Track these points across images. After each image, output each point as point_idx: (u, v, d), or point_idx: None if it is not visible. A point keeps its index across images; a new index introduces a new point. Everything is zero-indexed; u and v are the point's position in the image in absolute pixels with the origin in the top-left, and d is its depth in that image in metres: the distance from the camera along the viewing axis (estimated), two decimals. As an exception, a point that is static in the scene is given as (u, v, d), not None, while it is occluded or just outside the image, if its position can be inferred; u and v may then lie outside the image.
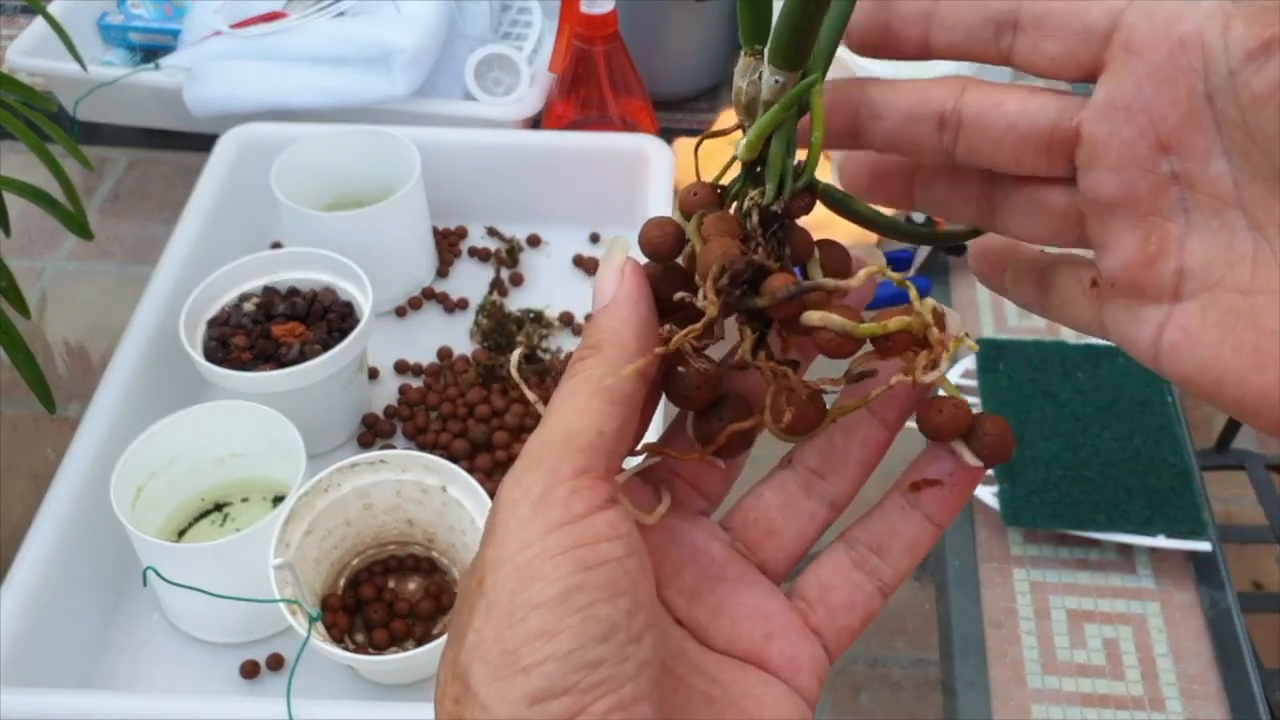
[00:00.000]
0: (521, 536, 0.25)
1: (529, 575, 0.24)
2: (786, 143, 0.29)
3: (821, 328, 0.27)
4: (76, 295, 0.94)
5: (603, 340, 0.27)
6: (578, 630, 0.24)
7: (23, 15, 1.18)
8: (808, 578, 0.30)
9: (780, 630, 0.29)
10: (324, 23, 0.98)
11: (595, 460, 0.26)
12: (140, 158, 1.05)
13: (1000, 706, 0.65)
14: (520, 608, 0.24)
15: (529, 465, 0.26)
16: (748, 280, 0.27)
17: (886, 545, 0.30)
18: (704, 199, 0.29)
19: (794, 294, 0.27)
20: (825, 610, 0.30)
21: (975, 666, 0.67)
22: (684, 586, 0.29)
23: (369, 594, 0.66)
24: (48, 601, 0.62)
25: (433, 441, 0.76)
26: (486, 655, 0.24)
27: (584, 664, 0.24)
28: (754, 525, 0.30)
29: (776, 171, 0.29)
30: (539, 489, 0.25)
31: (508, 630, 0.24)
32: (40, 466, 0.78)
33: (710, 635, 0.29)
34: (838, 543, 0.30)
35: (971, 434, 0.28)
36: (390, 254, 0.83)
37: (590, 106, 0.94)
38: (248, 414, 0.68)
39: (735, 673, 0.29)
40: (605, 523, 0.25)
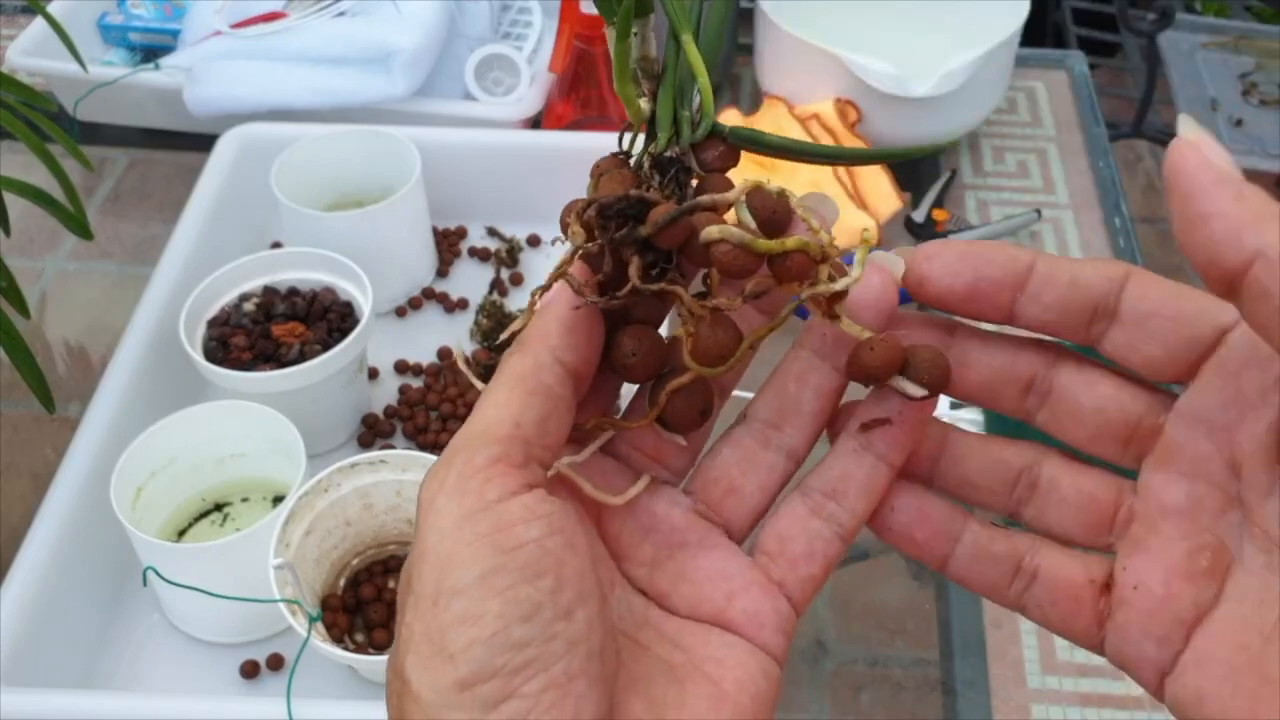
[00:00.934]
0: (439, 528, 0.25)
1: (449, 562, 0.25)
2: (676, 94, 0.29)
3: (720, 240, 0.26)
4: (76, 295, 0.94)
5: (529, 337, 0.28)
6: (499, 612, 0.24)
7: (23, 15, 1.18)
8: (766, 531, 0.30)
9: (741, 588, 0.29)
10: (324, 23, 0.98)
11: (511, 449, 0.26)
12: (140, 158, 1.05)
13: (1000, 706, 0.65)
14: (443, 595, 0.24)
15: (445, 460, 0.26)
16: (627, 214, 0.27)
17: (842, 490, 0.29)
18: (608, 164, 0.30)
19: (675, 216, 0.26)
20: (786, 562, 0.29)
21: (975, 666, 0.67)
22: (645, 557, 0.29)
23: (369, 594, 0.66)
24: (48, 601, 0.62)
25: (433, 441, 0.76)
26: (418, 647, 0.24)
27: (509, 645, 0.24)
28: (714, 485, 0.30)
29: (666, 121, 0.29)
30: (453, 480, 0.25)
31: (432, 620, 0.24)
32: (40, 466, 0.78)
33: (673, 601, 0.29)
34: (793, 493, 0.30)
35: (907, 367, 0.28)
36: (390, 254, 0.83)
37: (590, 106, 0.94)
38: (248, 414, 0.68)
39: (699, 636, 0.28)
40: (521, 505, 0.25)
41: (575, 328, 0.28)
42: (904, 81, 0.92)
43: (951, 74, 0.91)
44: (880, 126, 0.95)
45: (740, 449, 0.30)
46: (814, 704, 0.68)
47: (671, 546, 0.30)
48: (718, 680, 0.27)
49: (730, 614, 0.29)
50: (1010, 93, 1.09)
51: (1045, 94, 1.10)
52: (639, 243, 0.27)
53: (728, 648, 0.28)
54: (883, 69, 0.92)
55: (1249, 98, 1.51)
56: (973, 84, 0.93)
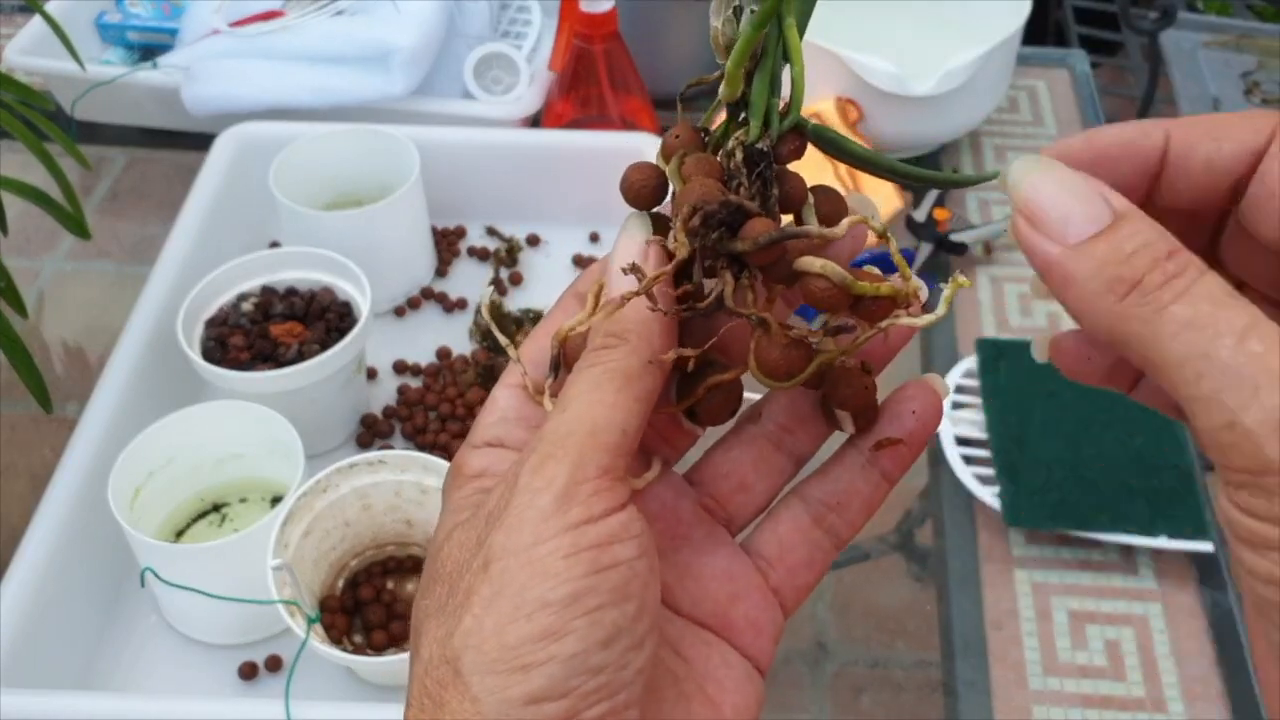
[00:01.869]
0: (539, 530, 0.24)
1: (540, 571, 0.24)
2: (770, 81, 0.28)
3: (820, 275, 0.26)
4: (74, 295, 0.94)
5: (629, 331, 0.27)
6: (584, 634, 0.24)
7: (21, 14, 1.18)
8: (765, 535, 0.30)
9: (744, 592, 0.29)
10: (322, 22, 0.98)
11: (618, 460, 0.25)
12: (138, 157, 1.04)
13: (1001, 708, 0.65)
14: (527, 604, 0.24)
15: (553, 455, 0.25)
16: (725, 222, 0.26)
17: (845, 503, 0.29)
18: (685, 141, 0.28)
19: (775, 239, 0.26)
20: (785, 569, 0.30)
21: (976, 667, 0.67)
22: None
23: (367, 595, 0.66)
24: (46, 602, 0.62)
25: (432, 441, 0.76)
26: (483, 645, 0.24)
27: (586, 669, 0.23)
28: (725, 479, 0.30)
29: (760, 109, 0.28)
30: (562, 483, 0.25)
31: (511, 625, 0.24)
32: (38, 467, 0.78)
33: (676, 596, 0.29)
34: (793, 499, 0.30)
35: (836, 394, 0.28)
36: (389, 254, 0.83)
37: (590, 105, 0.94)
38: (246, 414, 0.68)
39: (699, 648, 0.28)
40: (620, 524, 0.25)
41: (669, 329, 0.27)
42: (905, 80, 0.91)
43: (952, 73, 0.91)
44: (881, 125, 0.95)
45: (754, 448, 0.30)
46: (815, 705, 0.68)
47: (678, 538, 0.29)
48: (718, 704, 0.28)
49: (732, 617, 0.29)
50: (1012, 92, 1.08)
51: (1047, 93, 1.10)
52: (728, 255, 0.27)
53: (726, 666, 0.28)
54: (884, 68, 0.91)
55: (1251, 96, 1.51)
56: (974, 83, 0.93)
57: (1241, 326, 0.21)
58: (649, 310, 0.27)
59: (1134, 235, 0.23)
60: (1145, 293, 0.22)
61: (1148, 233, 0.23)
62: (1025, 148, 1.04)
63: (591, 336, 0.27)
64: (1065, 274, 0.24)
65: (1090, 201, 0.24)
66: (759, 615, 0.29)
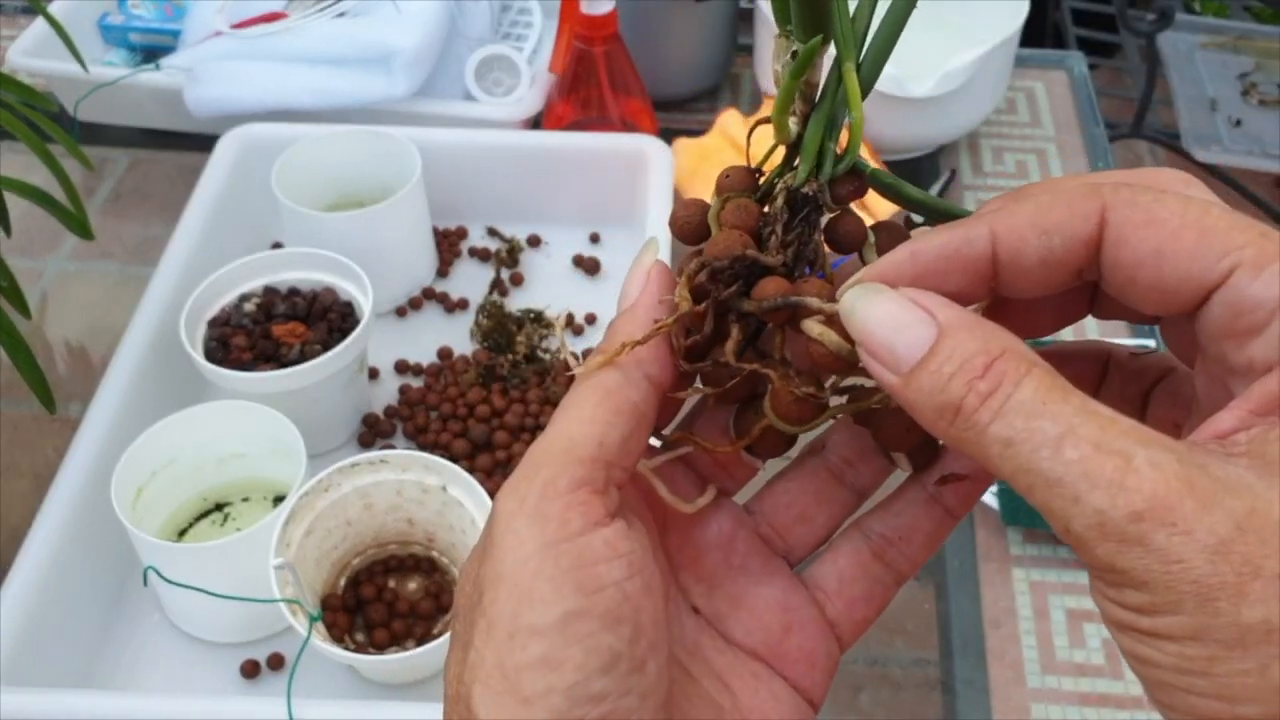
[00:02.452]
0: (519, 552, 0.24)
1: (527, 595, 0.24)
2: (827, 124, 0.28)
3: (818, 342, 0.26)
4: (77, 295, 0.94)
5: (615, 346, 0.27)
6: (580, 662, 0.23)
7: (23, 15, 1.18)
8: (825, 568, 0.30)
9: (799, 624, 0.29)
10: (324, 23, 0.98)
11: (594, 473, 0.25)
12: (141, 158, 1.05)
13: (1000, 706, 0.65)
14: (520, 631, 0.23)
15: (526, 474, 0.25)
16: (740, 276, 0.26)
17: (907, 538, 0.29)
18: (735, 183, 0.28)
19: (779, 307, 0.26)
20: (844, 602, 0.29)
21: (975, 666, 0.67)
22: (704, 573, 0.29)
23: (369, 594, 0.66)
24: (48, 601, 0.62)
25: (433, 441, 0.76)
26: (488, 679, 0.24)
27: (588, 697, 0.23)
28: (786, 510, 0.30)
29: (811, 154, 0.28)
30: (534, 501, 0.24)
31: (508, 656, 0.23)
32: (41, 466, 0.78)
33: (729, 626, 0.29)
34: (854, 532, 0.30)
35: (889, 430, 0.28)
36: (390, 254, 0.84)
37: (590, 107, 0.94)
38: (248, 414, 0.68)
39: (748, 680, 0.28)
40: (603, 541, 0.24)
41: (663, 340, 0.27)
42: (903, 81, 0.92)
43: (951, 74, 0.91)
44: (880, 127, 0.95)
45: (817, 480, 0.30)
46: (814, 704, 0.68)
47: (733, 569, 0.29)
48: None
49: (785, 648, 0.28)
50: (1010, 93, 1.09)
51: (1045, 94, 1.10)
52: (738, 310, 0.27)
53: (775, 701, 0.28)
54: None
55: (1248, 98, 1.51)
56: (972, 84, 0.93)
57: (1055, 436, 0.21)
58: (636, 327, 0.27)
59: (951, 355, 0.23)
60: (966, 416, 0.22)
61: (967, 346, 0.23)
62: (1023, 149, 1.04)
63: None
64: (906, 404, 0.24)
65: (911, 328, 0.23)
66: (814, 647, 0.29)
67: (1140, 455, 0.21)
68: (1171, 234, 0.23)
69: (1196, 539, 0.20)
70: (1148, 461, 0.21)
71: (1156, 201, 0.24)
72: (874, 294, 0.25)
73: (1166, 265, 0.23)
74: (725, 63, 1.09)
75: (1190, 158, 1.46)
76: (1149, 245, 0.23)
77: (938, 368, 0.23)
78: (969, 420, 0.22)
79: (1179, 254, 0.23)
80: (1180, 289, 0.23)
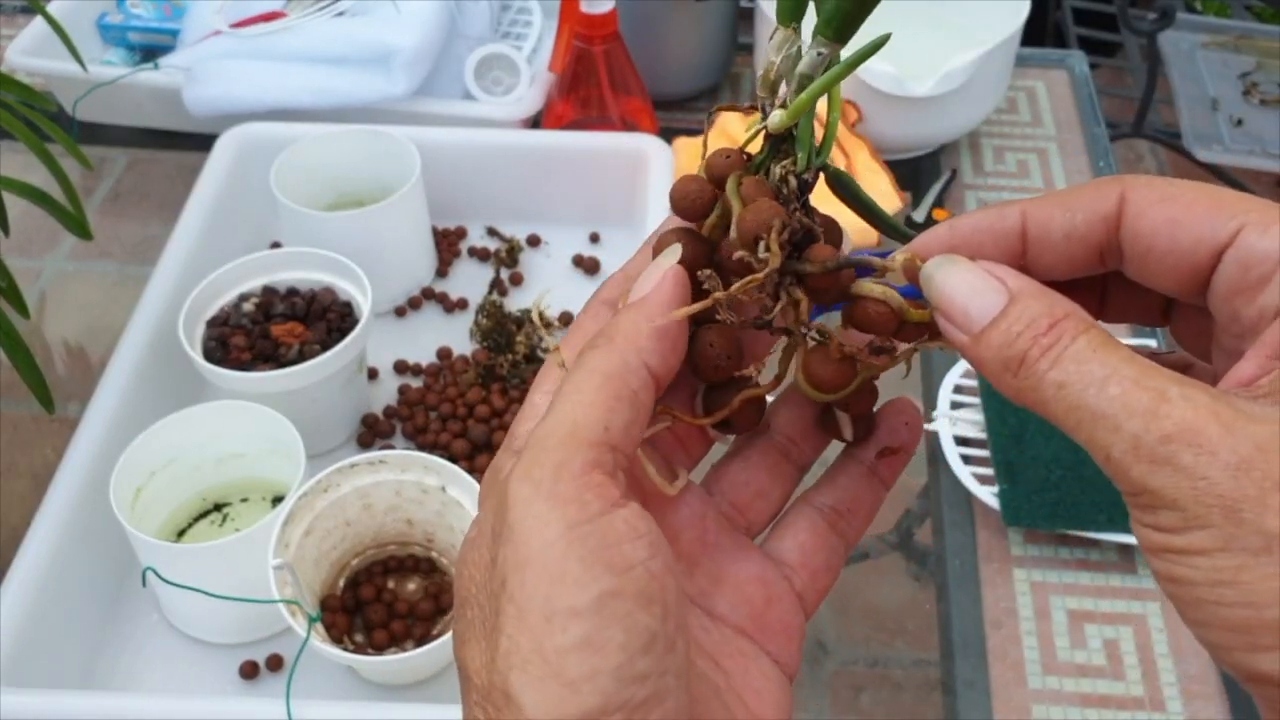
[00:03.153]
0: (543, 536, 0.24)
1: (559, 577, 0.23)
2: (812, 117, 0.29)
3: (880, 301, 0.28)
4: (76, 295, 0.94)
5: (618, 334, 0.27)
6: (623, 642, 0.23)
7: (22, 15, 1.18)
8: (787, 542, 0.31)
9: (777, 596, 0.30)
10: (323, 22, 0.98)
11: (603, 455, 0.25)
12: (140, 157, 1.05)
13: (1000, 707, 0.65)
14: (557, 614, 0.23)
15: (536, 459, 0.25)
16: (795, 243, 0.28)
17: (855, 510, 0.31)
18: (736, 163, 0.29)
19: (843, 265, 0.27)
20: (808, 574, 0.30)
21: (975, 667, 0.67)
22: (682, 553, 0.29)
23: (368, 594, 0.66)
24: (47, 601, 0.62)
25: (432, 441, 0.76)
26: (526, 664, 0.23)
27: (634, 678, 0.23)
28: (745, 488, 0.31)
29: (807, 142, 0.29)
30: (549, 484, 0.24)
31: (546, 639, 0.23)
32: (40, 466, 0.78)
33: (714, 600, 0.29)
34: (804, 506, 0.31)
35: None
36: (390, 254, 0.83)
37: (590, 106, 0.94)
38: (247, 414, 0.68)
39: (738, 659, 0.28)
40: (624, 521, 0.24)
41: (665, 334, 0.27)
42: (904, 81, 0.91)
43: (952, 74, 0.91)
44: (880, 126, 0.95)
45: (769, 457, 0.31)
46: (814, 704, 0.68)
47: (708, 546, 0.30)
48: (759, 715, 0.28)
49: (767, 621, 0.29)
50: (1010, 92, 1.08)
51: (1045, 94, 1.10)
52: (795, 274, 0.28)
53: (765, 679, 0.29)
54: (883, 69, 0.92)
55: (1249, 97, 1.51)
56: (973, 84, 0.93)
57: (1101, 377, 0.24)
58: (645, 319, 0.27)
59: (1020, 316, 0.25)
60: (1029, 366, 0.25)
61: (1034, 309, 0.25)
62: (1024, 148, 1.04)
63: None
64: (975, 359, 0.26)
65: (984, 293, 0.26)
66: (790, 619, 0.30)
67: (1174, 390, 0.23)
68: (1185, 205, 0.26)
69: (1220, 458, 0.22)
70: (1180, 395, 0.23)
71: (1171, 184, 0.26)
72: (953, 263, 0.27)
73: (1181, 231, 0.26)
74: (725, 62, 1.08)
75: (1191, 157, 1.46)
76: (1165, 215, 0.26)
77: (1008, 326, 0.26)
78: (1031, 369, 0.25)
79: (1192, 220, 0.26)
80: (1195, 251, 0.26)
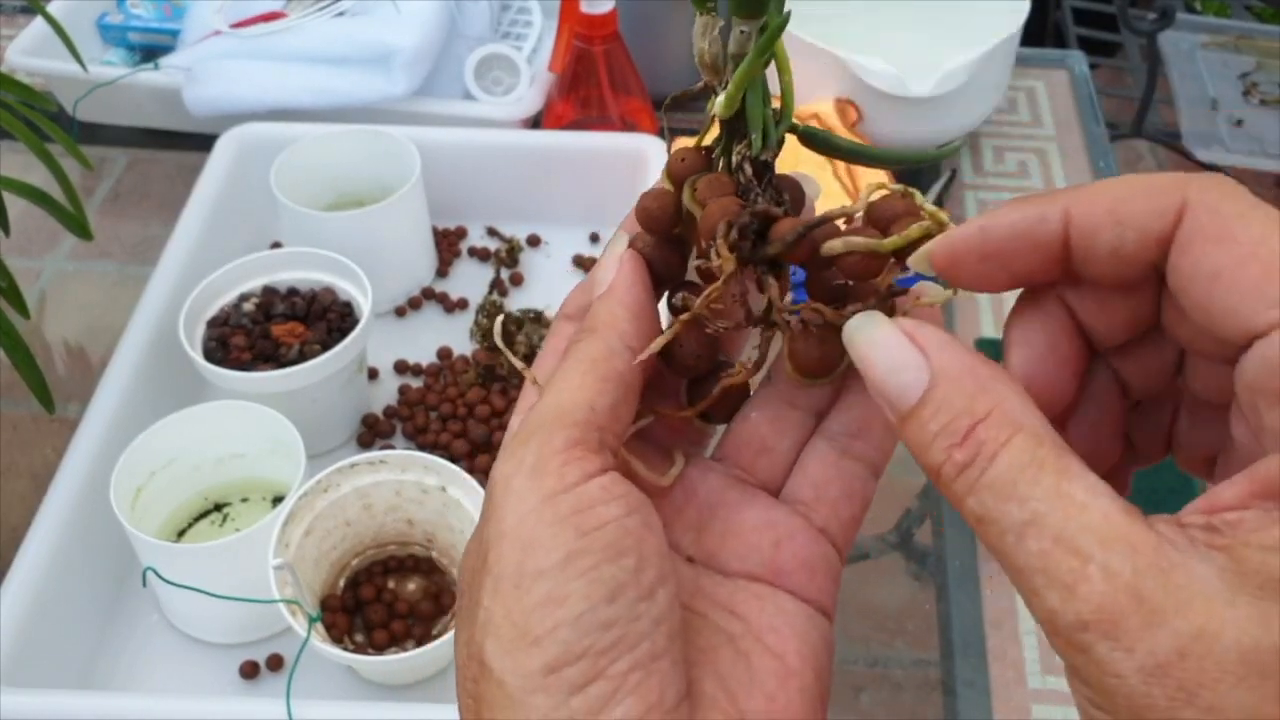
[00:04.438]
0: (519, 509, 0.25)
1: (530, 545, 0.24)
2: (761, 92, 0.29)
3: (847, 253, 0.27)
4: (76, 295, 0.94)
5: (598, 323, 0.28)
6: (584, 593, 0.24)
7: (22, 15, 1.18)
8: (797, 481, 0.30)
9: (788, 535, 0.29)
10: (323, 23, 0.98)
11: (587, 434, 0.26)
12: (140, 157, 1.05)
13: (1000, 707, 0.65)
14: (525, 578, 0.24)
15: (522, 441, 0.26)
16: (755, 231, 0.27)
17: (867, 428, 0.29)
18: (692, 164, 0.29)
19: (803, 233, 0.27)
20: (827, 506, 0.29)
21: (975, 667, 0.67)
22: (688, 523, 0.29)
23: (369, 594, 0.66)
24: (47, 601, 0.62)
25: (432, 441, 0.76)
26: (499, 631, 0.24)
27: (596, 625, 0.23)
28: (746, 446, 0.30)
29: (758, 121, 0.29)
30: (531, 461, 0.25)
31: (515, 603, 0.24)
32: (40, 467, 0.78)
33: (722, 559, 0.29)
34: (815, 440, 0.30)
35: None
36: (390, 254, 0.83)
37: (590, 106, 0.94)
38: (247, 414, 0.68)
39: (753, 603, 0.28)
40: (599, 486, 0.25)
41: (640, 314, 0.28)
42: (904, 81, 0.91)
43: (952, 74, 0.91)
44: (880, 126, 0.95)
45: (769, 409, 0.30)
46: (814, 704, 0.68)
47: (713, 506, 0.30)
48: (781, 654, 0.27)
49: (780, 560, 0.29)
50: (1010, 92, 1.08)
51: (1045, 94, 1.10)
52: (764, 260, 0.27)
53: (783, 615, 0.28)
54: (883, 69, 0.92)
55: (1249, 97, 1.51)
56: (973, 84, 0.93)
57: (1020, 523, 0.21)
58: (617, 304, 0.28)
59: (937, 411, 0.23)
60: (946, 484, 0.23)
61: (952, 403, 0.23)
62: (1024, 148, 1.04)
63: None
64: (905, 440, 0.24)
65: (906, 370, 0.23)
66: (808, 554, 0.29)
67: (1097, 559, 0.20)
68: (1237, 260, 0.22)
69: (1135, 658, 0.20)
70: (1102, 568, 0.20)
71: (1240, 219, 0.22)
72: (873, 326, 0.25)
73: (1219, 291, 0.22)
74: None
75: (1191, 157, 1.46)
76: (1210, 263, 0.22)
77: (922, 424, 0.23)
78: (950, 488, 0.23)
79: (1236, 284, 0.22)
80: (1225, 321, 0.22)
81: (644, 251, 0.29)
